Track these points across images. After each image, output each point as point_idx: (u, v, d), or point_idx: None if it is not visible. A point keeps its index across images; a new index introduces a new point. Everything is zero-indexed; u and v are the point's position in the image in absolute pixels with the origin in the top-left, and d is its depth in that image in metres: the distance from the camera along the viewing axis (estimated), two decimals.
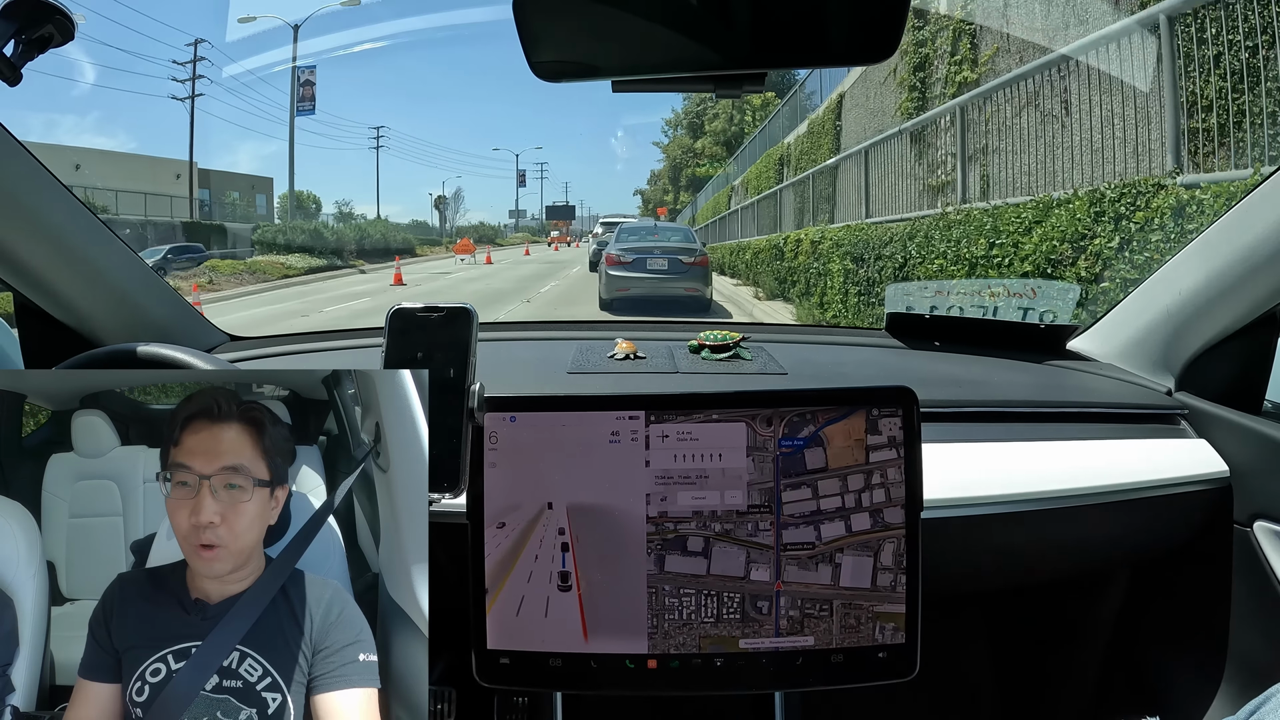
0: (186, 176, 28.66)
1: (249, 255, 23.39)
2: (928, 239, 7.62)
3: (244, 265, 21.27)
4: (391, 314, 1.02)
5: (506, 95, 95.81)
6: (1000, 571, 1.47)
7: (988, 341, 1.89)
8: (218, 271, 19.89)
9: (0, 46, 1.08)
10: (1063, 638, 1.73)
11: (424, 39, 49.51)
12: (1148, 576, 1.58)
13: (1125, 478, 1.36)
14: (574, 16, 0.90)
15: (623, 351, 1.75)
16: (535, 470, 1.03)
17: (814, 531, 1.02)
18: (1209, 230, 1.41)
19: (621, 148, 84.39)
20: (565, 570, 1.02)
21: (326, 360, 1.84)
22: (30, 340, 1.58)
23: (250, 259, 22.39)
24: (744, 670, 1.03)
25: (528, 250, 38.57)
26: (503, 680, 1.04)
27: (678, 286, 13.13)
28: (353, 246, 27.06)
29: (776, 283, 13.10)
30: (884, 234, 8.82)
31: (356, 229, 29.84)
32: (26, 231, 1.37)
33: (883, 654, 1.03)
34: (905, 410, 1.04)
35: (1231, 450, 1.40)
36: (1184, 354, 1.52)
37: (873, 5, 0.87)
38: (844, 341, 2.06)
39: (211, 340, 1.90)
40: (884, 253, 8.49)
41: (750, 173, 22.28)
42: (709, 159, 42.60)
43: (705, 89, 0.97)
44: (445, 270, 25.84)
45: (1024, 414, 1.50)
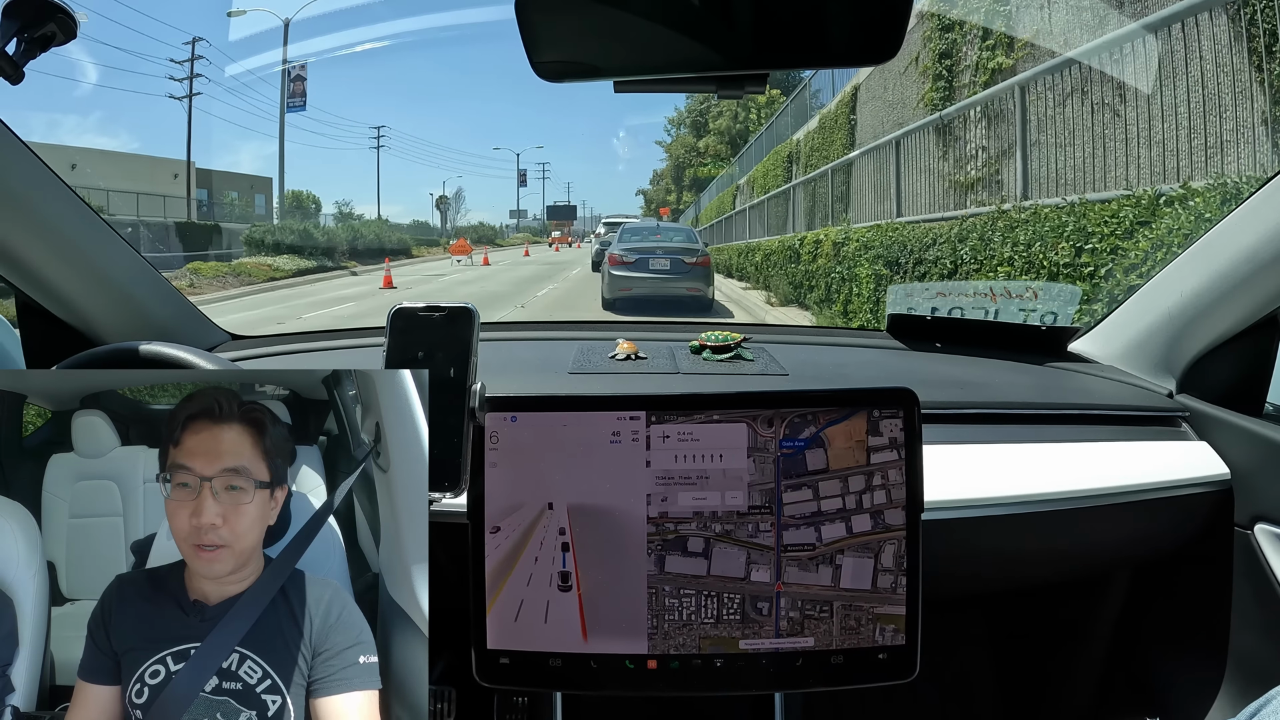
0: (184, 176, 28.35)
1: (241, 256, 22.96)
2: (983, 241, 6.84)
3: (228, 268, 20.51)
4: (393, 313, 1.02)
5: (508, 95, 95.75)
6: (1001, 573, 1.47)
7: (989, 343, 1.89)
8: (199, 274, 19.10)
9: (3, 45, 1.08)
10: (1063, 639, 1.73)
11: (427, 39, 49.30)
12: (1148, 579, 1.58)
13: (1126, 480, 1.36)
14: (576, 17, 0.90)
15: (624, 352, 1.75)
16: (536, 470, 1.03)
17: (814, 533, 1.02)
18: (1211, 232, 1.41)
19: (624, 148, 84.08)
20: (566, 570, 1.02)
21: (328, 359, 1.84)
22: (32, 339, 1.58)
23: (235, 261, 21.74)
24: (744, 671, 1.03)
25: (527, 251, 37.80)
26: (503, 680, 1.04)
27: (680, 286, 13.32)
28: (345, 247, 26.71)
29: (791, 287, 12.74)
30: (922, 235, 8.11)
31: (350, 229, 29.38)
32: (29, 230, 1.37)
33: (883, 655, 1.03)
34: (906, 411, 1.04)
35: (1233, 453, 1.40)
36: (1185, 356, 1.51)
37: (875, 6, 0.87)
38: (845, 343, 2.06)
39: (213, 339, 1.90)
40: (926, 256, 7.76)
41: (757, 171, 21.56)
42: (713, 158, 41.92)
43: (707, 89, 0.97)
44: (440, 272, 25.61)
45: (1025, 416, 1.50)
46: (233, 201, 33.59)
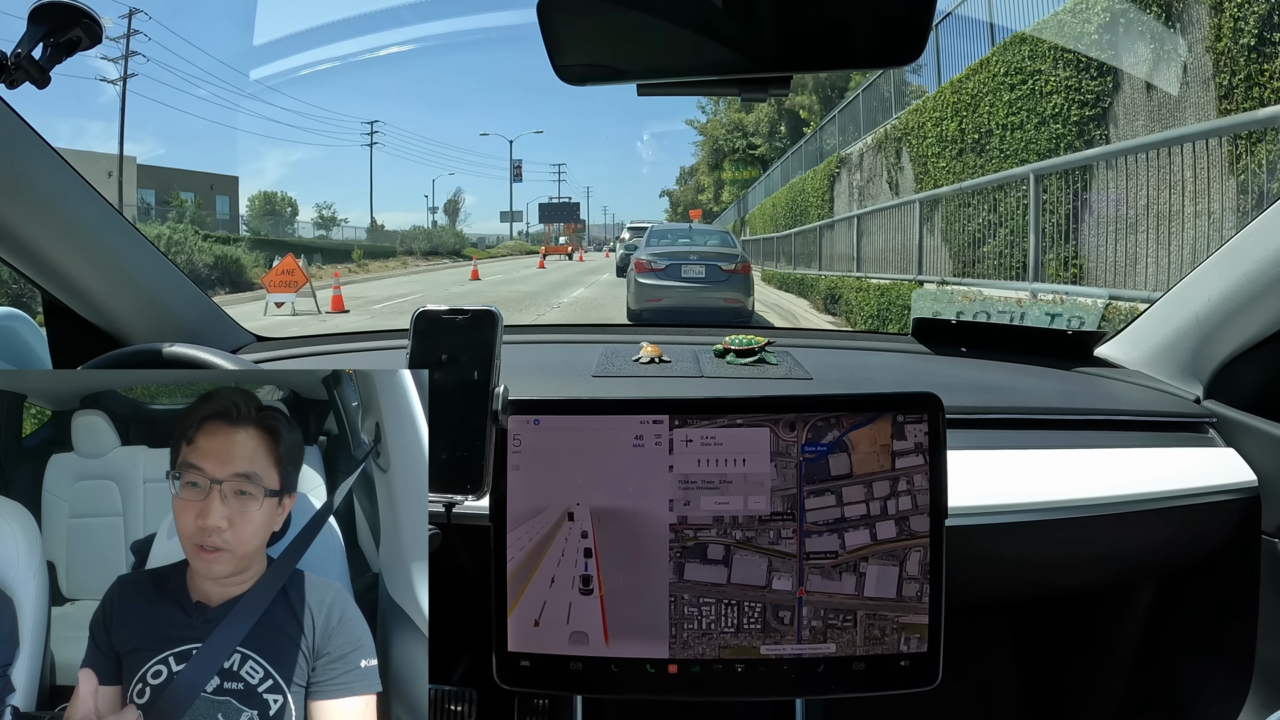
0: (124, 174, 24.80)
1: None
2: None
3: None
4: (416, 316, 1.03)
5: (508, 96, 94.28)
6: (1025, 580, 1.46)
7: (1014, 347, 1.87)
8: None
9: (29, 50, 1.09)
10: (1087, 647, 1.72)
11: (442, 44, 48.58)
12: (1174, 586, 1.56)
13: (1152, 486, 1.35)
14: (598, 19, 0.90)
15: (647, 355, 1.75)
16: (558, 473, 1.03)
17: (838, 540, 1.02)
18: (1237, 236, 1.39)
19: (648, 151, 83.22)
20: (587, 574, 1.02)
21: (351, 361, 1.85)
22: (58, 339, 1.60)
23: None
24: (765, 677, 1.02)
25: (476, 273, 24.85)
26: (523, 683, 1.04)
27: (716, 297, 11.30)
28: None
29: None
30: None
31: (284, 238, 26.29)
32: (56, 232, 1.39)
33: (905, 662, 1.02)
34: (931, 416, 1.03)
35: (1260, 460, 1.38)
36: (1213, 361, 1.50)
37: (898, 7, 0.86)
38: (869, 346, 2.05)
39: (237, 341, 1.91)
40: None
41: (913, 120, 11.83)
42: (765, 138, 32.03)
43: (730, 92, 0.97)
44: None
45: (1050, 421, 1.49)
46: (183, 204, 30.49)
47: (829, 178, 16.48)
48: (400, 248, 34.85)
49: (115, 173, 24.70)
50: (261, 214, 36.00)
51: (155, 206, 29.03)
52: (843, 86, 18.95)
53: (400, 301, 16.99)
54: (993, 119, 9.46)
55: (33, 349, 1.63)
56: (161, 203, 29.74)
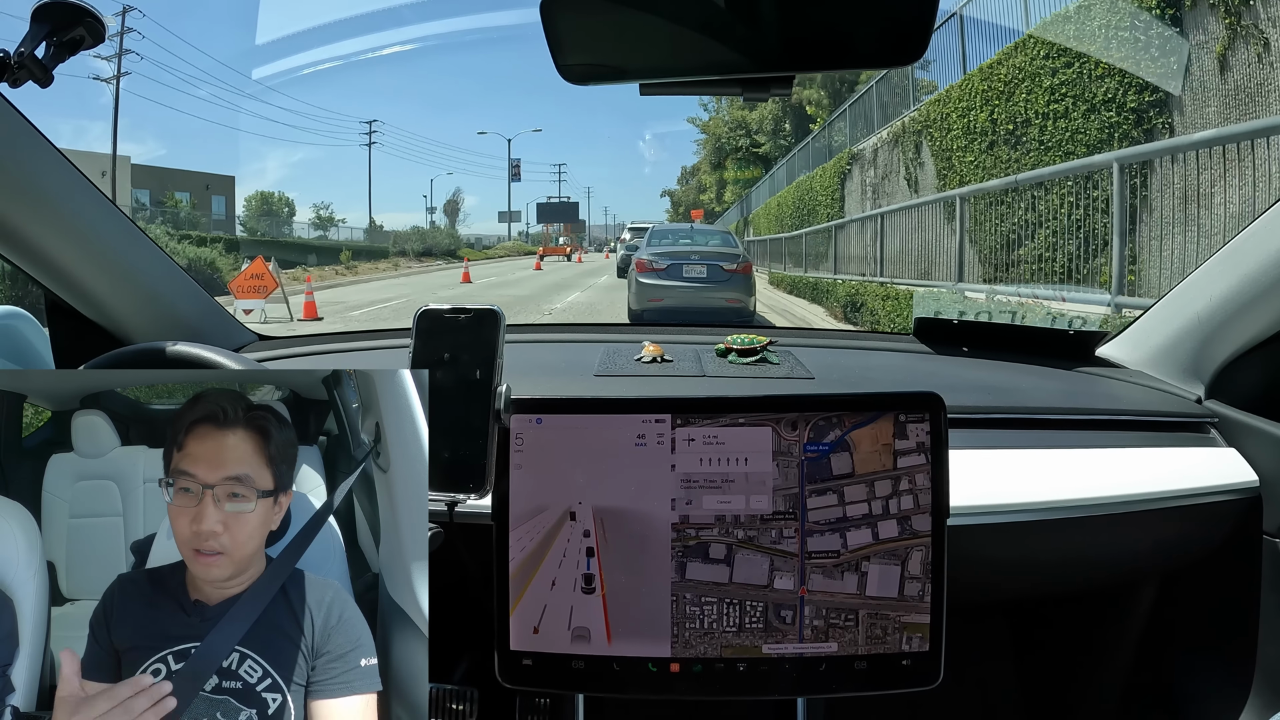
0: (120, 173, 24.47)
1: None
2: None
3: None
4: (419, 315, 1.03)
5: (509, 95, 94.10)
6: (1026, 580, 1.46)
7: (1016, 347, 1.88)
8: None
9: (32, 49, 1.09)
10: (1088, 647, 1.72)
11: (443, 43, 48.76)
12: (1175, 586, 1.56)
13: (1154, 486, 1.35)
14: (602, 19, 0.90)
15: (649, 355, 1.75)
16: (561, 472, 1.03)
17: (839, 539, 1.02)
18: (1239, 236, 1.39)
19: (649, 150, 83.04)
20: (590, 573, 1.02)
21: (353, 360, 1.85)
22: (61, 338, 1.60)
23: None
24: (766, 675, 1.02)
25: (467, 276, 24.11)
26: (525, 681, 1.04)
27: (718, 297, 11.37)
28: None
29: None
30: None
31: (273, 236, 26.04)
32: (60, 232, 1.39)
33: (907, 662, 1.02)
34: (933, 416, 1.03)
35: (1262, 460, 1.38)
36: (1214, 361, 1.50)
37: (901, 7, 0.86)
38: (871, 346, 2.05)
39: (240, 339, 1.91)
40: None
41: (934, 112, 11.34)
42: (770, 136, 31.13)
43: (733, 92, 0.97)
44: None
45: (1052, 421, 1.49)
46: (179, 204, 30.80)
47: (840, 175, 15.82)
48: (394, 249, 34.38)
49: (109, 172, 24.27)
50: (258, 214, 35.84)
51: (149, 207, 28.90)
52: (853, 80, 17.71)
53: (381, 308, 16.54)
54: (1030, 107, 8.74)
55: (35, 348, 1.63)
56: (156, 203, 29.65)
